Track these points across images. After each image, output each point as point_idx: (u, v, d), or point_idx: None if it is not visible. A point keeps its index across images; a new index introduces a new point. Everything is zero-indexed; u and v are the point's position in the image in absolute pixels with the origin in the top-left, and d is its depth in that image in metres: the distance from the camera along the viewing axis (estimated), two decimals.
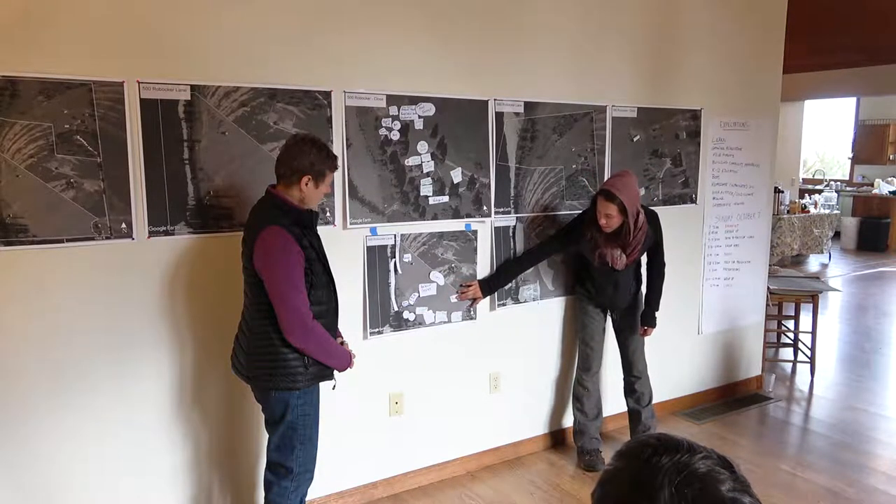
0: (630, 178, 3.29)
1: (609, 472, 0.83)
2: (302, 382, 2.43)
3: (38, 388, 2.49)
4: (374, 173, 3.09)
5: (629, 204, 3.19)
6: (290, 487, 2.52)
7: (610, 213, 3.21)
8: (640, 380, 3.66)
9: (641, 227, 3.33)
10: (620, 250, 3.35)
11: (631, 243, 3.32)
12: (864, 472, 3.63)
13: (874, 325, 6.65)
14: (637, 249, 3.37)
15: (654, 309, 3.56)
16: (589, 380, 3.65)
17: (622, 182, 3.23)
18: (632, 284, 3.56)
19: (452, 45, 3.23)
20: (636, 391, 3.67)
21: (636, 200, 3.27)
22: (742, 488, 0.76)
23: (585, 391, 3.65)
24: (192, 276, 2.73)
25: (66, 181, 2.45)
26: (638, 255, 3.42)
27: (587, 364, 3.65)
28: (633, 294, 3.59)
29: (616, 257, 3.37)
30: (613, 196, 3.18)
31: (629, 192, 3.21)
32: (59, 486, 2.57)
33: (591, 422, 3.66)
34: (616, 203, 3.18)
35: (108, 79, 2.48)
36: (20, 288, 2.43)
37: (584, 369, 3.67)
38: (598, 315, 3.64)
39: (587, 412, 3.65)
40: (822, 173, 13.44)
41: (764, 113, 4.54)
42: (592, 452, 3.62)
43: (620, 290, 3.53)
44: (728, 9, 4.22)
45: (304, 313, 2.35)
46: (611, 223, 3.25)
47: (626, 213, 3.21)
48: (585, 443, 3.64)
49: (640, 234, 3.33)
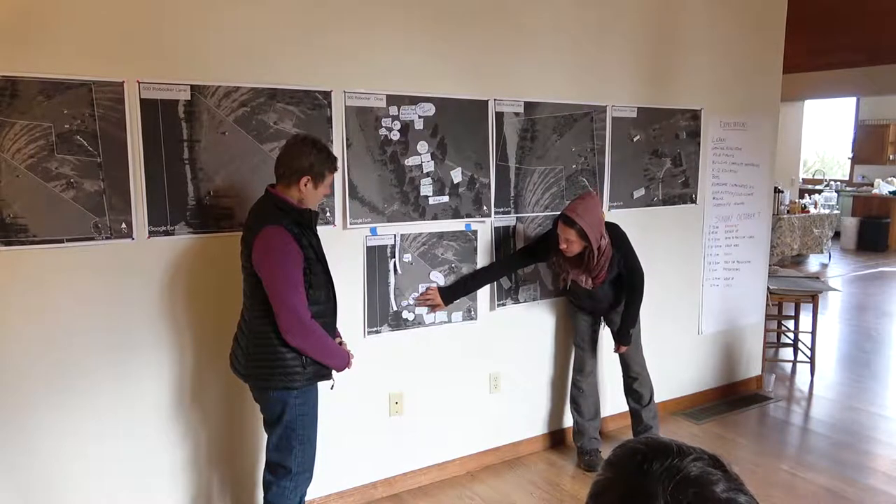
0: (592, 201, 3.19)
1: (600, 484, 0.81)
2: (300, 382, 2.43)
3: (38, 388, 2.50)
4: (374, 173, 3.09)
5: (589, 230, 3.09)
6: (289, 487, 2.52)
7: (569, 238, 3.13)
8: (637, 380, 3.65)
9: (605, 251, 3.24)
10: (586, 275, 3.30)
11: (593, 268, 3.26)
12: (864, 472, 3.63)
13: (874, 325, 6.65)
14: (603, 273, 3.30)
15: (629, 326, 3.48)
16: (584, 381, 3.65)
17: (583, 206, 3.13)
18: (611, 293, 3.49)
19: (452, 45, 3.23)
20: (635, 391, 3.67)
21: (598, 226, 3.16)
22: (736, 487, 0.76)
23: (580, 392, 3.65)
24: (191, 276, 2.73)
25: (66, 181, 2.45)
26: (606, 276, 3.33)
27: (580, 365, 3.66)
28: (615, 299, 3.51)
29: (582, 280, 3.33)
30: (573, 222, 3.09)
31: (590, 218, 3.11)
32: (58, 486, 2.58)
33: (589, 422, 3.66)
34: (575, 229, 3.10)
35: (108, 79, 2.48)
36: (20, 288, 2.43)
37: (578, 371, 3.68)
38: (587, 317, 3.63)
39: (584, 413, 3.65)
40: (822, 173, 13.45)
41: (764, 113, 4.54)
42: (592, 452, 3.63)
43: (598, 300, 3.50)
44: (728, 9, 4.22)
45: (302, 313, 2.35)
46: (571, 248, 3.17)
47: (588, 239, 3.12)
48: (585, 443, 3.65)
49: (603, 259, 3.24)
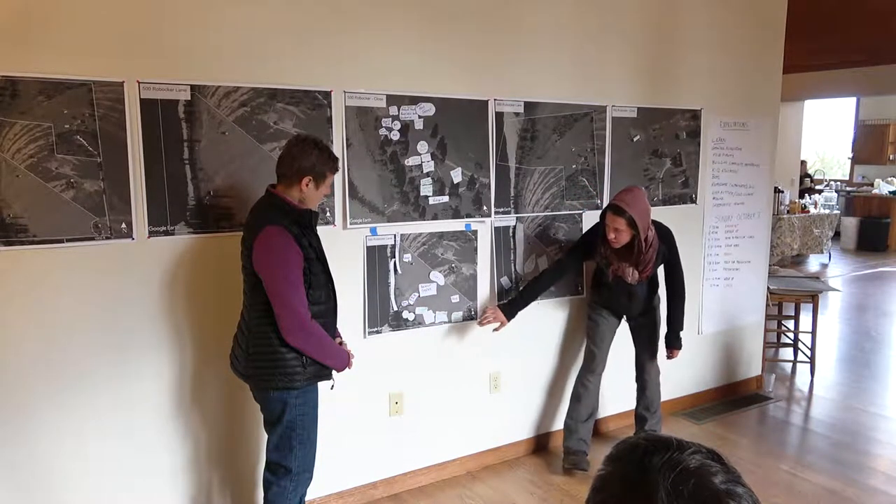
0: (640, 193, 3.26)
1: (602, 478, 0.82)
2: (300, 382, 2.43)
3: (39, 388, 2.50)
4: (374, 173, 3.09)
5: (639, 219, 3.16)
6: (289, 487, 2.52)
7: (619, 227, 3.19)
8: (648, 386, 3.66)
9: (653, 243, 3.30)
10: (633, 267, 3.34)
11: (643, 260, 3.31)
12: (864, 472, 3.63)
13: (874, 325, 6.65)
14: (650, 266, 3.35)
15: (679, 329, 3.52)
16: (592, 380, 3.62)
17: (631, 197, 3.20)
18: (646, 293, 3.53)
19: (452, 45, 3.23)
20: (647, 397, 3.67)
21: (646, 216, 3.23)
22: (734, 479, 0.77)
23: (585, 391, 3.62)
24: (191, 276, 2.73)
25: (66, 181, 2.45)
26: (651, 271, 3.39)
27: (592, 365, 3.62)
28: (648, 300, 3.56)
29: (629, 274, 3.36)
30: (622, 211, 3.15)
31: (639, 208, 3.18)
32: (58, 486, 2.58)
33: (582, 424, 3.60)
34: (625, 218, 3.15)
35: (108, 79, 2.48)
36: (20, 288, 2.43)
37: (589, 370, 3.63)
38: (610, 318, 3.61)
39: (581, 413, 3.60)
40: (822, 173, 13.45)
41: (764, 113, 4.54)
42: (578, 453, 3.56)
43: (635, 299, 3.51)
44: (728, 9, 4.22)
45: (302, 313, 2.35)
46: (620, 238, 3.22)
47: (637, 228, 3.18)
48: (572, 443, 3.59)
49: (651, 251, 3.31)
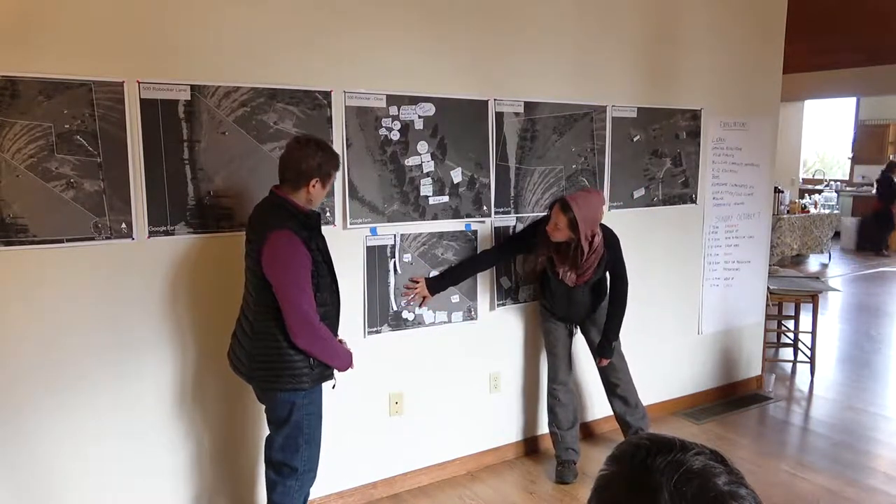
0: (596, 198, 3.15)
1: (604, 478, 0.82)
2: (307, 383, 2.45)
3: (38, 388, 2.49)
4: (374, 173, 3.09)
5: (581, 222, 3.04)
6: (294, 487, 2.53)
7: (559, 223, 3.07)
8: (619, 385, 3.57)
9: (596, 249, 3.17)
10: (572, 270, 3.23)
11: (582, 265, 3.18)
12: (864, 472, 3.63)
13: (874, 325, 6.65)
14: (590, 272, 3.23)
15: (612, 338, 3.37)
16: (560, 390, 3.50)
17: (585, 199, 3.09)
18: (588, 299, 3.39)
19: (452, 45, 3.23)
20: (619, 395, 3.58)
21: (592, 222, 3.10)
22: (737, 480, 0.77)
23: (557, 401, 3.50)
24: (192, 276, 2.73)
25: (66, 181, 2.45)
26: (592, 276, 3.27)
27: (554, 373, 3.52)
28: (592, 307, 3.42)
29: (567, 276, 3.25)
30: (568, 209, 3.04)
31: (587, 211, 3.06)
32: (58, 486, 2.58)
33: (566, 432, 3.50)
34: (568, 217, 3.05)
35: (108, 79, 2.48)
36: (20, 288, 2.43)
37: (553, 380, 3.53)
38: (559, 324, 3.48)
39: (561, 423, 3.51)
40: (822, 173, 13.44)
41: (764, 113, 4.54)
42: (566, 464, 3.48)
43: (575, 304, 3.39)
44: (728, 9, 4.22)
45: (311, 316, 2.36)
46: (555, 235, 3.12)
47: (576, 231, 3.07)
48: (561, 453, 3.51)
49: (593, 257, 3.18)
